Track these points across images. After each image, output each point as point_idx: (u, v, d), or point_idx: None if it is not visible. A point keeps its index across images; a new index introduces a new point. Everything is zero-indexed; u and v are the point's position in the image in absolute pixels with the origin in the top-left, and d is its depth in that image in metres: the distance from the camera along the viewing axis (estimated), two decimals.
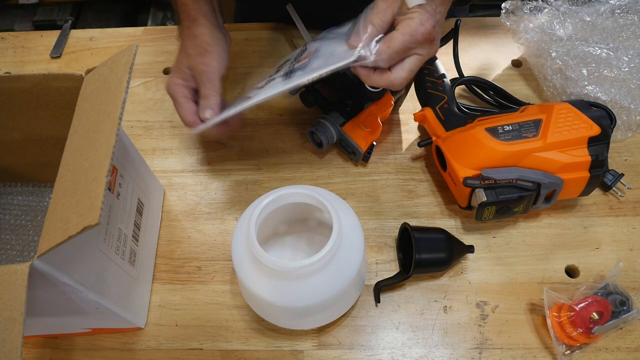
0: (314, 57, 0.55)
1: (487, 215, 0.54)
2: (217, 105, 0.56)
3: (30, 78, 0.49)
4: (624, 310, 0.48)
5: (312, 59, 0.54)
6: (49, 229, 0.36)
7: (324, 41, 0.58)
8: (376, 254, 0.57)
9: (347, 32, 0.55)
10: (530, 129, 0.53)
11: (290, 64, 0.57)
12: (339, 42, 0.54)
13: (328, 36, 0.59)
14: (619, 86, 0.62)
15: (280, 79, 0.54)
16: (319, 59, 0.54)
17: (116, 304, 0.46)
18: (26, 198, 0.63)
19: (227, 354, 0.51)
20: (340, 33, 0.57)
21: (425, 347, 0.51)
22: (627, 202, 0.59)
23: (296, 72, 0.53)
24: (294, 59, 0.59)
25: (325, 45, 0.56)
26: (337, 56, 0.50)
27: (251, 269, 0.46)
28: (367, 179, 0.63)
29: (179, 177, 0.64)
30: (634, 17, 0.67)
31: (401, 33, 0.47)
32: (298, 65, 0.54)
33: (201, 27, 0.58)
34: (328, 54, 0.53)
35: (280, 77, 0.55)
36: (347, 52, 0.49)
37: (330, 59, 0.51)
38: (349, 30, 0.55)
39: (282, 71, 0.57)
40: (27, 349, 0.52)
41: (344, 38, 0.54)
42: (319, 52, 0.55)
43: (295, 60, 0.57)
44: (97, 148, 0.38)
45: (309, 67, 0.53)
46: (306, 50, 0.59)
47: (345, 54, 0.49)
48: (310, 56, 0.55)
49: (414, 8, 0.47)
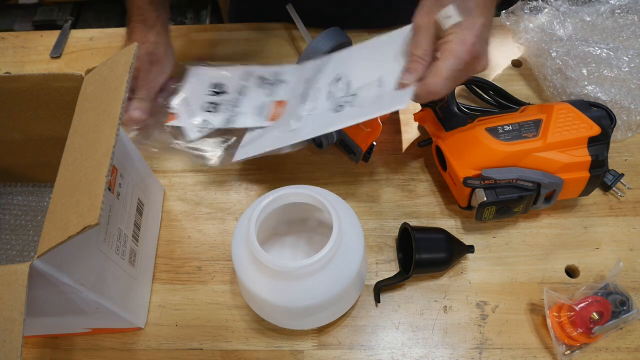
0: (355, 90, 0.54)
1: (487, 215, 0.54)
2: (147, 111, 0.57)
3: (30, 78, 0.49)
4: (624, 310, 0.48)
5: (358, 96, 0.53)
6: (49, 228, 0.36)
7: (351, 60, 0.57)
8: (376, 254, 0.57)
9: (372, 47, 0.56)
10: (530, 129, 0.53)
11: (328, 91, 0.56)
12: (373, 64, 0.54)
13: (350, 54, 0.58)
14: (619, 86, 0.62)
15: (328, 111, 0.53)
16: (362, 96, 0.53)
17: (116, 304, 0.46)
18: (26, 198, 0.63)
19: (227, 354, 0.51)
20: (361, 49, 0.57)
21: (425, 347, 0.51)
22: (627, 202, 0.59)
23: (345, 107, 0.52)
24: (325, 84, 0.57)
25: (352, 64, 0.56)
26: (389, 98, 0.49)
27: (251, 269, 0.46)
28: (367, 179, 0.63)
29: (179, 177, 0.64)
30: (634, 17, 0.67)
31: (444, 59, 0.46)
32: (344, 99, 0.54)
33: (159, 36, 0.59)
34: (375, 90, 0.52)
35: (328, 110, 0.54)
36: (400, 94, 0.48)
37: (383, 101, 0.50)
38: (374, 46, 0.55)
39: (321, 98, 0.56)
40: (27, 349, 0.52)
41: (373, 61, 0.54)
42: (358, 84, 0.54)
43: (330, 86, 0.56)
44: (97, 148, 0.38)
45: (357, 103, 0.52)
46: (328, 70, 0.58)
47: (399, 95, 0.48)
48: (345, 82, 0.55)
49: (451, 29, 0.46)
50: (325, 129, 0.52)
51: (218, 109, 0.60)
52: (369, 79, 0.53)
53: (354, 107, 0.52)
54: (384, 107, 0.49)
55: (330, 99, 0.55)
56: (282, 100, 0.60)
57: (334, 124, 0.51)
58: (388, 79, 0.51)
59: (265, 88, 0.62)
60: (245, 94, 0.61)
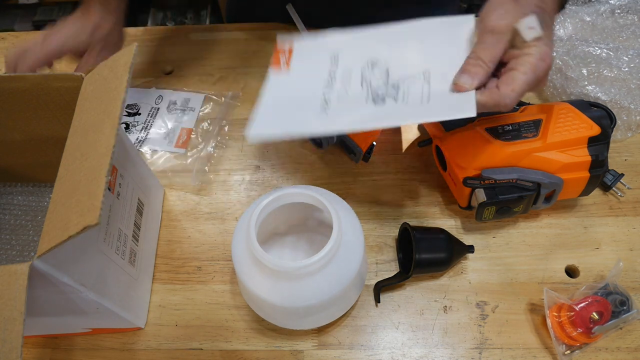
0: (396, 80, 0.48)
1: (487, 215, 0.54)
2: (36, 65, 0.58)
3: (30, 78, 0.49)
4: (624, 310, 0.48)
5: (400, 86, 0.48)
6: (49, 229, 0.36)
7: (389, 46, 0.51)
8: (376, 254, 0.57)
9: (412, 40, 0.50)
10: (530, 129, 0.53)
11: (361, 75, 0.50)
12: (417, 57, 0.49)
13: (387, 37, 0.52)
14: (619, 86, 0.62)
15: (365, 101, 0.48)
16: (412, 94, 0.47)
17: (116, 304, 0.46)
18: (26, 198, 0.63)
19: (227, 354, 0.51)
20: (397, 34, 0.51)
21: (425, 347, 0.51)
22: (627, 202, 0.59)
23: (387, 101, 0.47)
24: (357, 65, 0.51)
25: (394, 52, 0.50)
26: (449, 102, 0.45)
27: (251, 269, 0.46)
28: (367, 179, 0.63)
29: (179, 177, 0.64)
30: (634, 17, 0.67)
31: (523, 72, 0.43)
32: (383, 90, 0.48)
33: (117, 24, 0.62)
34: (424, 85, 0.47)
35: (366, 100, 0.48)
36: (462, 99, 0.44)
37: (441, 104, 0.45)
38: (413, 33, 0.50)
39: (353, 82, 0.49)
40: (27, 349, 0.52)
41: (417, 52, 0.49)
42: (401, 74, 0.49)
43: (364, 70, 0.50)
44: (97, 148, 0.38)
45: (401, 98, 0.47)
46: (359, 47, 0.52)
47: (461, 100, 0.44)
48: (383, 69, 0.50)
49: (532, 42, 0.43)
50: (367, 124, 0.47)
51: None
52: (413, 71, 0.48)
53: (399, 103, 0.46)
54: (445, 112, 0.44)
55: (365, 85, 0.49)
56: None
57: (379, 119, 0.46)
58: (437, 75, 0.47)
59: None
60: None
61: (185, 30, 0.80)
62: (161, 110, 0.69)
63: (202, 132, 0.67)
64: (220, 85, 0.73)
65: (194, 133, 0.67)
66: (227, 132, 0.67)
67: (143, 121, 0.68)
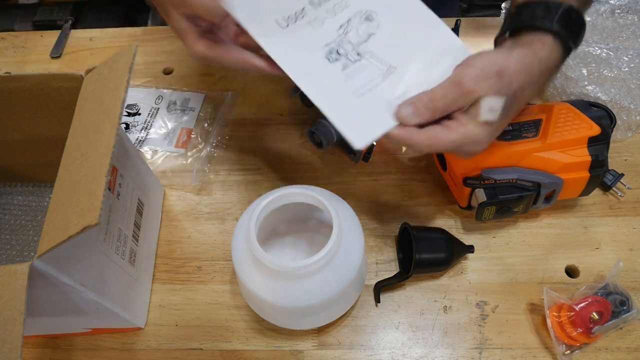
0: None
1: (487, 215, 0.54)
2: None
3: (30, 78, 0.49)
4: (624, 310, 0.48)
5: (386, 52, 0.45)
6: (49, 229, 0.36)
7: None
8: (376, 254, 0.57)
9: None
10: (530, 128, 0.53)
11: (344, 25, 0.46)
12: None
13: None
14: (619, 86, 0.62)
15: (319, 51, 0.45)
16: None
17: (116, 304, 0.46)
18: (26, 198, 0.63)
19: (227, 354, 0.51)
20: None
21: (425, 347, 0.51)
22: (627, 202, 0.59)
23: (338, 61, 0.45)
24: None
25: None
26: (364, 116, 0.43)
27: (251, 269, 0.46)
28: (367, 179, 0.63)
29: (179, 177, 0.64)
30: (634, 17, 0.67)
31: (450, 140, 0.42)
32: (346, 49, 0.45)
33: None
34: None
35: (321, 48, 0.45)
36: (376, 121, 0.42)
37: (356, 114, 0.43)
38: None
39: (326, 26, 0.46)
40: (27, 349, 0.52)
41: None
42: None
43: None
44: (97, 148, 0.38)
45: (344, 77, 0.44)
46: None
47: (372, 122, 0.43)
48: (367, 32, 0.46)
49: (482, 121, 0.42)
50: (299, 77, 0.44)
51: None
52: (384, 56, 0.45)
53: (340, 74, 0.44)
54: (350, 123, 0.42)
55: (340, 31, 0.46)
56: None
57: (309, 83, 0.44)
58: (394, 80, 0.44)
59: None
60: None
61: None
62: (161, 110, 0.69)
63: (202, 132, 0.67)
64: (220, 85, 0.73)
65: (194, 133, 0.67)
66: (227, 132, 0.67)
67: (143, 121, 0.68)
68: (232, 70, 0.74)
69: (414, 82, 0.44)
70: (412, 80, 0.45)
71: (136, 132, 0.67)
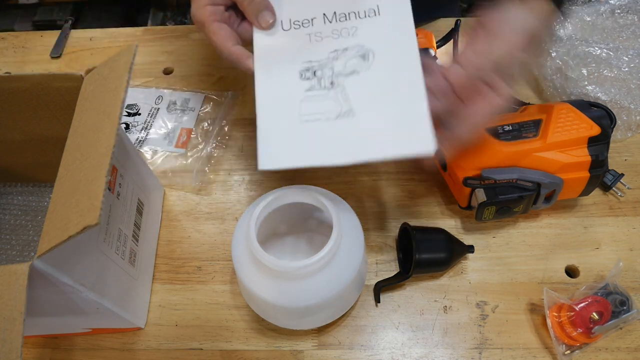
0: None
1: (487, 215, 0.54)
2: (270, 5, 0.45)
3: (30, 78, 0.49)
4: (624, 310, 0.48)
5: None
6: (49, 229, 0.36)
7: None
8: (376, 254, 0.57)
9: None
10: (530, 129, 0.53)
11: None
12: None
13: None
14: (619, 86, 0.62)
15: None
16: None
17: (116, 304, 0.46)
18: (26, 198, 0.63)
19: (227, 354, 0.51)
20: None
21: (425, 347, 0.51)
22: (627, 202, 0.59)
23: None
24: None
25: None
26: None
27: (251, 269, 0.46)
28: (367, 179, 0.63)
29: (179, 177, 0.64)
30: (634, 17, 0.67)
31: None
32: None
33: None
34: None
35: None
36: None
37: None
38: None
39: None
40: (27, 349, 0.52)
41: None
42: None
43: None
44: (96, 148, 0.38)
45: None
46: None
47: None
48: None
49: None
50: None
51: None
52: (349, 97, 0.44)
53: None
54: (268, 139, 0.41)
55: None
56: None
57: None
58: (347, 123, 0.43)
59: None
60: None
61: (185, 30, 0.80)
62: (161, 110, 0.69)
63: (202, 132, 0.67)
64: (220, 85, 0.73)
65: (194, 133, 0.67)
66: (227, 132, 0.67)
67: (143, 121, 0.68)
68: (232, 70, 0.74)
69: (362, 136, 0.43)
70: (362, 133, 0.43)
71: (136, 132, 0.67)
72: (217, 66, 0.75)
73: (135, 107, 0.69)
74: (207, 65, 0.75)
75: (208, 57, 0.76)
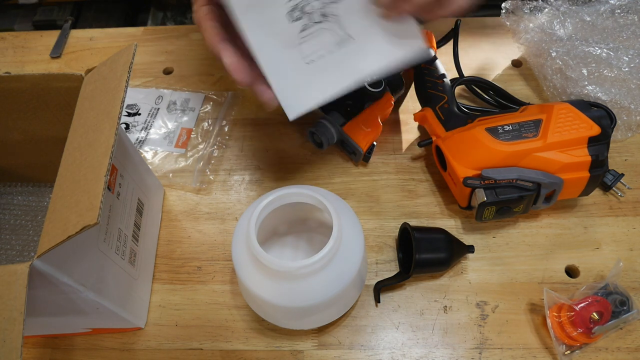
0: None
1: (487, 215, 0.54)
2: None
3: (30, 78, 0.49)
4: (624, 310, 0.48)
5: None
6: (48, 228, 0.36)
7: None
8: (376, 254, 0.57)
9: None
10: (530, 129, 0.53)
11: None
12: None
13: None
14: (619, 86, 0.62)
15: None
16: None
17: (116, 304, 0.46)
18: (26, 198, 0.63)
19: (227, 354, 0.51)
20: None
21: (425, 347, 0.51)
22: (627, 202, 0.59)
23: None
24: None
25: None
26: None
27: (251, 269, 0.46)
28: (367, 179, 0.63)
29: (179, 177, 0.64)
30: (634, 17, 0.67)
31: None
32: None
33: None
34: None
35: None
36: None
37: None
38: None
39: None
40: (27, 349, 0.52)
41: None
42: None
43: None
44: (96, 148, 0.38)
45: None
46: None
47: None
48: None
49: None
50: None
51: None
52: (344, 24, 0.44)
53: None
54: (285, 89, 0.41)
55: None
56: None
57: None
58: (349, 50, 0.44)
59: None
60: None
61: (185, 30, 0.80)
62: (161, 110, 0.69)
63: (202, 132, 0.67)
64: (220, 85, 0.73)
65: (194, 133, 0.67)
66: (227, 132, 0.67)
67: (143, 121, 0.68)
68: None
69: (364, 55, 0.44)
70: (363, 52, 0.44)
71: (136, 132, 0.67)
72: (217, 66, 0.75)
73: (135, 107, 0.69)
74: (207, 65, 0.75)
75: (208, 57, 0.76)
